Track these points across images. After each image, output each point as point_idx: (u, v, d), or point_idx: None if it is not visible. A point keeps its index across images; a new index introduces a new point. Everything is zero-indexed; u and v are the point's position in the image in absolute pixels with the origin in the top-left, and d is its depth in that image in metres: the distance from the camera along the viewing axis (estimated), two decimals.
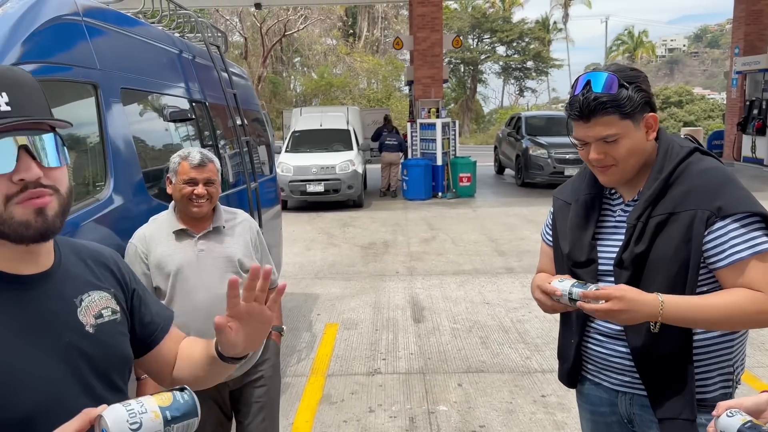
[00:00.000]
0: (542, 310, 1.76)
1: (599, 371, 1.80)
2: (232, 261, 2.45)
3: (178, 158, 2.41)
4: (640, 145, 1.61)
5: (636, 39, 54.98)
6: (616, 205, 1.74)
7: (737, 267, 1.53)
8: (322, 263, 8.07)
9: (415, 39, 14.85)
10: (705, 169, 1.61)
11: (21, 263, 1.04)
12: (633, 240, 1.61)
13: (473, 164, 14.04)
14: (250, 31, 36.35)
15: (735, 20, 18.35)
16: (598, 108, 1.56)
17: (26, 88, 1.02)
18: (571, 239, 1.77)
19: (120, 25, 2.94)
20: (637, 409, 1.73)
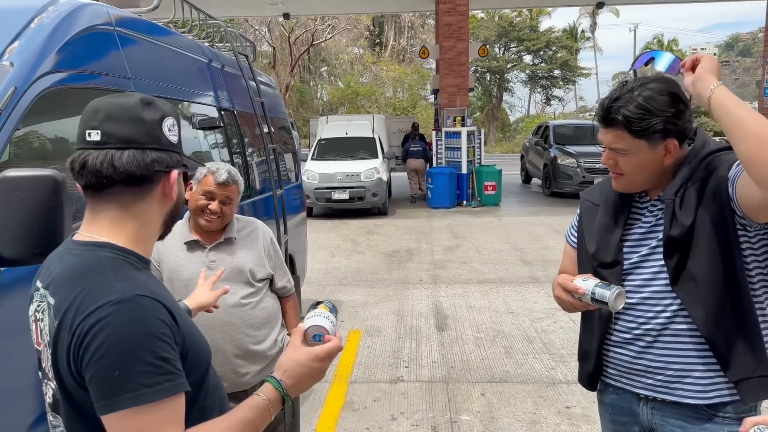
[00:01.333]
0: (561, 307, 1.77)
1: (621, 375, 1.78)
2: (243, 272, 2.46)
3: (206, 170, 2.42)
4: (650, 165, 1.63)
5: (666, 47, 54.19)
6: (644, 206, 1.73)
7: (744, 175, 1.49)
8: (347, 270, 8.10)
9: (441, 48, 14.86)
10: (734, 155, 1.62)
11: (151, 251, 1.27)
12: (677, 212, 1.61)
13: (498, 173, 13.96)
14: (278, 41, 36.78)
15: (767, 29, 18.00)
16: (612, 120, 1.61)
17: None
18: (598, 240, 1.77)
19: (151, 35, 3.02)
20: (659, 419, 1.71)
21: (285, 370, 1.21)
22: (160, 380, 1.02)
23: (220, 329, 2.41)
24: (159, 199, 1.20)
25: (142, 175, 1.15)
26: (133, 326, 1.02)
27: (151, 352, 1.02)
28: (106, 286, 1.06)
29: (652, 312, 1.67)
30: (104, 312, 1.02)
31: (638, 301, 1.69)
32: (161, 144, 1.17)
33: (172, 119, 1.20)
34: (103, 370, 1.01)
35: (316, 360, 1.22)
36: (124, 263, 1.13)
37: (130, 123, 1.14)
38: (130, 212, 1.17)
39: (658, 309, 1.67)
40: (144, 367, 1.01)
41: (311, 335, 1.27)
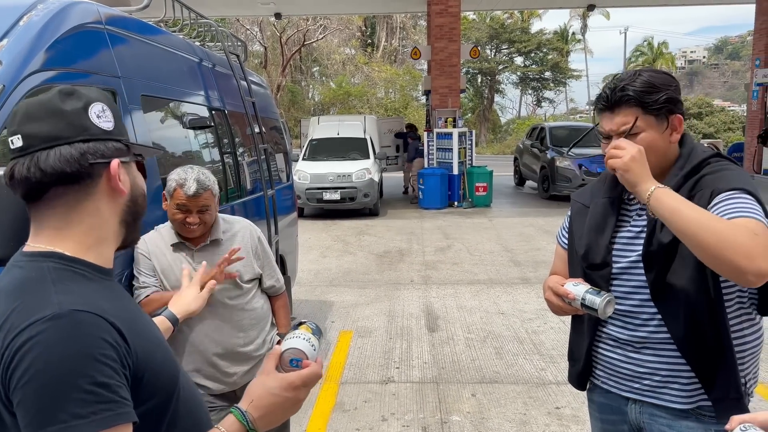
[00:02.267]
0: (551, 310, 1.78)
1: (609, 377, 1.80)
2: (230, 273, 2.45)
3: (175, 183, 2.33)
4: (661, 143, 1.63)
5: (655, 50, 54.52)
6: (633, 209, 1.74)
7: None
8: (338, 271, 8.09)
9: (433, 49, 14.88)
10: (724, 167, 1.63)
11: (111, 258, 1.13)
12: (657, 230, 1.61)
13: (490, 174, 14.00)
14: (270, 41, 36.70)
15: (756, 32, 18.15)
16: (623, 99, 1.61)
17: None
18: (587, 241, 1.78)
19: (142, 34, 3.00)
20: (647, 418, 1.72)
21: (252, 399, 1.07)
22: (96, 410, 0.88)
23: (207, 331, 2.40)
24: (107, 194, 1.06)
25: (76, 171, 1.02)
26: (66, 346, 0.89)
27: (86, 377, 0.88)
28: (42, 301, 0.94)
29: (640, 320, 1.68)
30: (35, 330, 0.90)
31: (627, 308, 1.70)
32: (90, 133, 1.03)
33: (101, 105, 1.06)
34: (31, 397, 0.88)
35: (290, 388, 1.07)
36: (71, 274, 1.01)
37: (50, 118, 1.02)
38: (75, 215, 1.05)
39: (644, 317, 1.68)
40: (77, 394, 0.88)
41: (288, 359, 1.12)
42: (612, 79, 1.68)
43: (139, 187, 1.13)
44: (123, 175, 1.08)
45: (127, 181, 1.09)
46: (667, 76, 1.66)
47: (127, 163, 1.10)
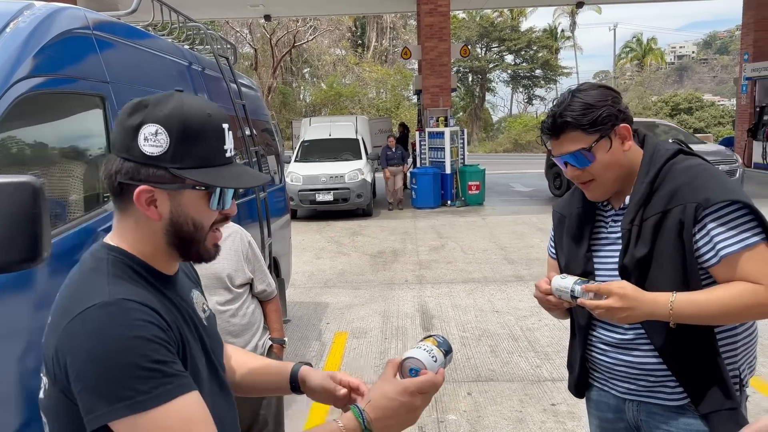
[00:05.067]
0: (543, 307, 1.78)
1: (606, 380, 1.80)
2: (221, 278, 2.44)
3: None
4: (614, 157, 1.63)
5: (644, 46, 54.79)
6: (608, 216, 1.75)
7: (729, 261, 1.52)
8: (332, 272, 8.09)
9: (423, 48, 14.91)
10: (689, 165, 1.63)
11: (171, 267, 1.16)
12: (632, 245, 1.62)
13: (482, 172, 14.03)
14: (260, 43, 36.64)
15: (744, 26, 18.29)
16: (563, 125, 1.62)
17: None
18: (567, 253, 1.80)
19: (130, 38, 2.99)
20: (644, 416, 1.73)
21: (370, 400, 1.11)
22: (157, 384, 0.94)
23: None
24: (143, 215, 1.07)
25: (110, 185, 1.06)
26: (119, 330, 0.95)
27: (143, 356, 0.94)
28: (95, 289, 1.01)
29: (628, 323, 1.67)
30: (87, 316, 0.97)
31: None
32: (131, 154, 1.04)
33: (156, 127, 1.04)
34: (93, 380, 0.94)
35: (405, 393, 1.10)
36: (127, 269, 1.07)
37: (117, 127, 1.08)
38: (125, 222, 1.10)
39: None
40: (137, 372, 0.94)
41: (407, 369, 1.15)
42: (552, 105, 1.68)
43: (186, 216, 1.08)
44: (161, 202, 1.06)
45: (165, 207, 1.07)
46: (601, 90, 1.65)
47: (169, 190, 1.06)
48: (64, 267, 2.15)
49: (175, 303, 1.12)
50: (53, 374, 1.00)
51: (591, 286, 1.55)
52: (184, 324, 1.10)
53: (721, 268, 1.54)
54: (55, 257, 1.90)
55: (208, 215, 1.10)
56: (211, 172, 1.07)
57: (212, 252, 1.14)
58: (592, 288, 1.55)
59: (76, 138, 2.53)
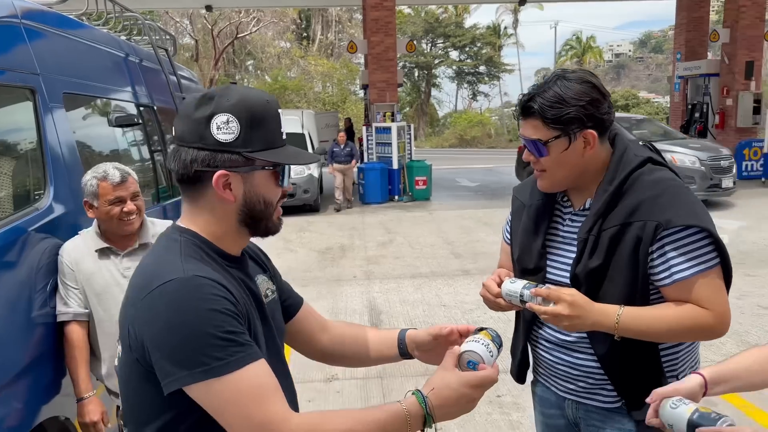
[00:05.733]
0: (488, 306, 1.73)
1: (548, 376, 1.82)
2: None
3: (95, 180, 2.26)
4: (568, 158, 1.57)
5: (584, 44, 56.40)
6: (567, 213, 1.71)
7: (681, 286, 1.52)
8: (279, 269, 7.95)
9: (369, 43, 14.86)
10: (657, 180, 1.58)
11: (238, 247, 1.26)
12: (586, 254, 1.58)
13: (429, 167, 14.14)
14: (201, 34, 35.74)
15: (677, 27, 19.05)
16: (528, 109, 1.58)
17: None
18: (521, 245, 1.76)
19: (62, 28, 2.84)
20: (583, 414, 1.75)
21: (433, 387, 1.16)
22: (231, 352, 1.04)
23: None
24: (219, 198, 1.17)
25: (186, 174, 1.16)
26: (194, 303, 1.04)
27: (216, 327, 1.04)
28: (170, 266, 1.10)
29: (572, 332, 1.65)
30: (165, 289, 1.06)
31: None
32: (206, 143, 1.14)
33: (227, 116, 1.14)
34: (171, 348, 1.03)
35: (467, 386, 1.17)
36: (198, 250, 1.16)
37: (183, 120, 1.16)
38: (197, 208, 1.20)
39: None
40: (212, 340, 1.03)
41: (465, 360, 1.20)
42: (533, 85, 1.64)
43: (258, 195, 1.21)
44: (235, 184, 1.17)
45: (239, 189, 1.18)
46: (584, 87, 1.54)
47: (242, 173, 1.17)
48: None
49: (242, 282, 1.21)
50: (128, 344, 1.11)
51: (541, 291, 1.52)
52: (249, 302, 1.19)
53: (672, 289, 1.53)
54: None
55: (275, 192, 1.24)
56: (275, 153, 1.19)
57: (278, 225, 1.27)
58: (541, 293, 1.51)
59: (3, 132, 2.39)
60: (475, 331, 1.28)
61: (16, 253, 2.15)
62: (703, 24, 18.10)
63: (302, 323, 1.47)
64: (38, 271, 2.26)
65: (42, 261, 2.29)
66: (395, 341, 1.45)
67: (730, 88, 16.09)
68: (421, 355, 1.43)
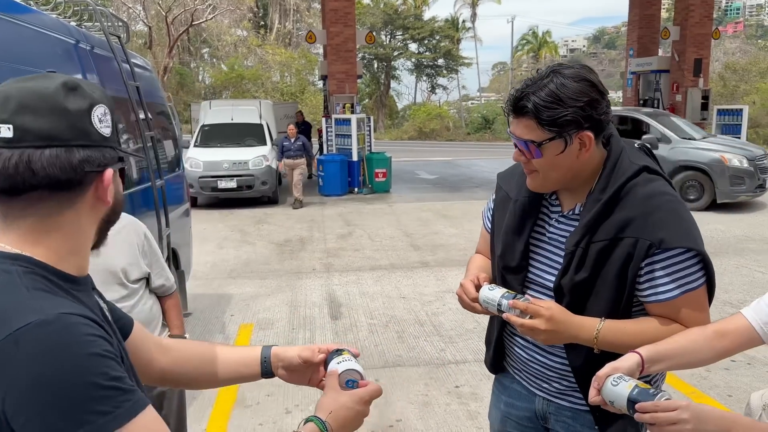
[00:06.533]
0: (462, 306, 1.70)
1: (520, 371, 1.80)
2: (114, 272, 2.29)
3: None
4: (563, 160, 1.49)
5: (540, 39, 57.30)
6: (554, 213, 1.65)
7: (665, 305, 1.51)
8: (236, 262, 7.87)
9: (329, 33, 14.75)
10: (652, 194, 1.51)
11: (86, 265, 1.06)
12: (573, 267, 1.54)
13: (388, 160, 14.16)
14: (154, 20, 34.78)
15: (629, 23, 19.54)
16: (522, 109, 1.48)
17: None
18: (504, 242, 1.70)
19: (6, 12, 2.72)
20: (554, 410, 1.74)
21: (330, 411, 1.15)
22: (118, 403, 0.86)
23: None
24: (91, 204, 1.00)
25: (69, 178, 0.94)
26: (69, 350, 0.84)
27: (100, 375, 0.85)
28: (18, 306, 0.86)
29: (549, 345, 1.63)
30: (23, 338, 0.82)
31: None
32: (91, 139, 0.96)
33: (104, 107, 0.99)
34: (47, 409, 0.82)
35: (361, 403, 1.19)
36: (41, 279, 0.93)
37: (51, 115, 0.93)
38: (53, 222, 0.97)
39: None
40: (96, 392, 0.84)
41: (345, 380, 1.25)
42: (525, 80, 1.52)
43: (121, 195, 1.08)
44: (111, 185, 1.02)
45: (112, 189, 1.02)
46: (581, 85, 1.45)
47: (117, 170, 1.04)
48: None
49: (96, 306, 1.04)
50: None
51: (518, 304, 1.48)
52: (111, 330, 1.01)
53: (656, 306, 1.52)
54: None
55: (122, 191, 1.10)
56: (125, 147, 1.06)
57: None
58: (519, 305, 1.48)
59: None
60: (336, 352, 1.31)
61: None
62: (654, 21, 18.61)
63: (137, 344, 1.29)
64: None
65: None
66: (258, 359, 1.36)
67: (679, 84, 16.61)
68: (286, 375, 1.36)
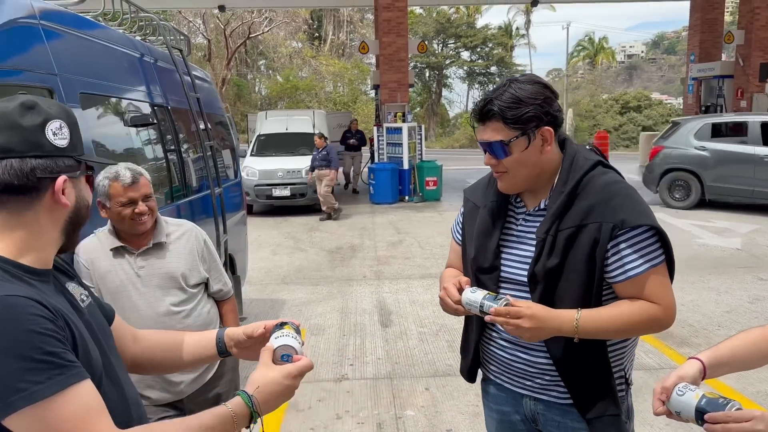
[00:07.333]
0: (443, 309, 1.77)
1: (501, 373, 1.85)
2: (174, 277, 2.38)
3: (107, 180, 2.25)
4: (530, 157, 1.65)
5: (596, 45, 56.14)
6: (520, 213, 1.78)
7: (634, 281, 1.62)
8: (289, 268, 8.01)
9: (381, 44, 14.88)
10: (608, 182, 1.67)
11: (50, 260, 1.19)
12: (544, 254, 1.65)
13: (439, 168, 14.13)
14: (213, 33, 35.91)
15: (690, 28, 18.93)
16: (487, 113, 1.65)
17: None
18: (476, 245, 1.81)
19: (79, 29, 2.88)
20: (541, 409, 1.78)
21: (258, 386, 1.22)
22: (51, 375, 0.99)
23: None
24: (49, 206, 1.14)
25: (23, 185, 1.11)
26: (7, 327, 0.98)
27: (35, 349, 0.98)
28: None
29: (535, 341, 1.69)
30: None
31: None
32: (44, 150, 1.12)
33: (59, 122, 1.15)
34: None
35: (289, 377, 1.25)
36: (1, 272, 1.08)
37: (7, 131, 1.10)
38: (14, 222, 1.13)
39: None
40: (30, 364, 0.98)
41: (279, 354, 1.27)
42: (486, 92, 1.72)
43: (84, 200, 1.22)
44: (68, 189, 1.16)
45: (72, 194, 1.17)
46: (536, 87, 1.65)
47: (75, 177, 1.18)
48: None
49: (58, 294, 1.17)
50: None
51: (500, 310, 1.57)
52: (71, 314, 1.14)
53: (626, 285, 1.63)
54: None
55: (90, 196, 1.24)
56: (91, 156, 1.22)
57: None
58: (501, 312, 1.57)
59: None
60: (279, 326, 1.35)
61: None
62: (717, 25, 17.97)
63: (116, 332, 1.41)
64: None
65: None
66: (213, 341, 1.50)
67: (744, 90, 15.95)
68: (239, 352, 1.49)
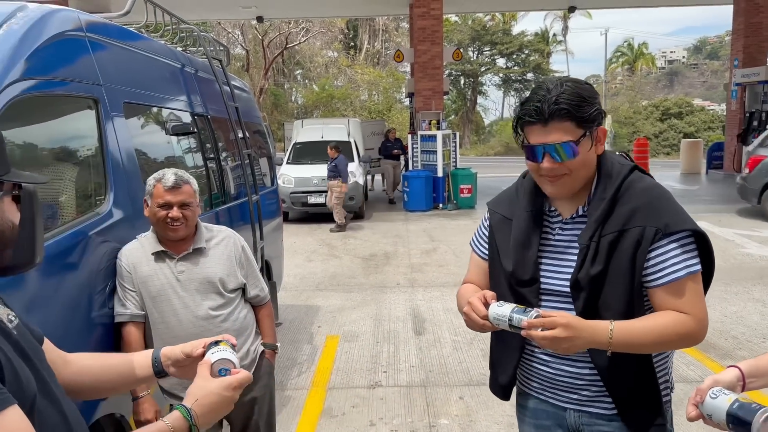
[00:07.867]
0: (468, 326, 1.69)
1: (545, 389, 1.79)
2: (213, 282, 2.43)
3: (153, 180, 2.37)
4: (590, 156, 1.62)
5: (636, 51, 55.16)
6: (555, 222, 1.73)
7: (673, 286, 1.58)
8: (323, 275, 8.07)
9: (416, 52, 14.92)
10: (647, 187, 1.65)
11: None
12: (588, 261, 1.61)
13: (474, 176, 14.06)
14: (252, 44, 36.57)
15: (734, 32, 18.45)
16: (558, 112, 1.54)
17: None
18: (514, 258, 1.73)
19: (123, 40, 2.97)
20: (586, 420, 1.74)
21: (196, 399, 1.22)
22: None
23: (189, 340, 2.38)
24: None
25: None
26: None
27: None
28: None
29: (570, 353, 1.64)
30: None
31: None
32: None
33: None
34: None
35: (229, 389, 1.25)
36: None
37: None
38: None
39: None
40: None
41: (217, 369, 1.30)
42: (536, 90, 1.60)
43: (7, 221, 1.14)
44: None
45: None
46: (590, 87, 1.63)
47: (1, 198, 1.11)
48: (56, 270, 2.14)
49: None
50: None
51: (534, 322, 1.51)
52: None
53: (662, 291, 1.59)
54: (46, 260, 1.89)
55: (16, 216, 1.16)
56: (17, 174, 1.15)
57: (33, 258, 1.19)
58: (535, 323, 1.51)
59: (68, 141, 2.51)
60: (214, 344, 1.37)
61: (77, 256, 2.26)
62: (761, 29, 17.46)
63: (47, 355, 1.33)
64: (98, 273, 2.37)
65: (102, 263, 2.40)
66: (149, 361, 1.44)
67: None
68: (176, 371, 1.44)
